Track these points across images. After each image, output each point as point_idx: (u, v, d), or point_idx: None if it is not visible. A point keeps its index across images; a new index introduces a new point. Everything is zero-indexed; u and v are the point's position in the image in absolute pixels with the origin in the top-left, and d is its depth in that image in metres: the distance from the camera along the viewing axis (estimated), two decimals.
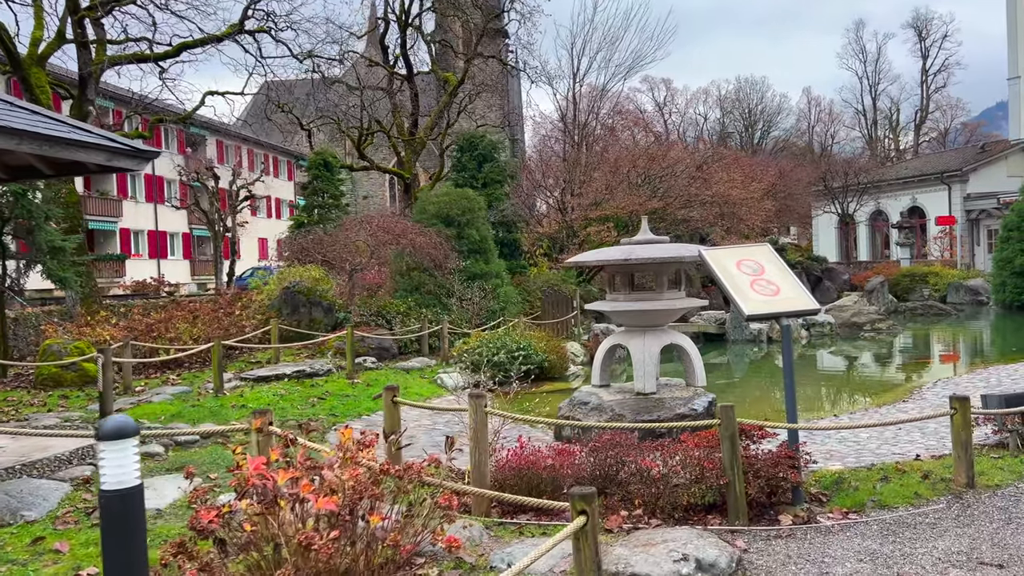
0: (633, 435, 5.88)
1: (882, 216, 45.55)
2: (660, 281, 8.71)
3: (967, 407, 5.47)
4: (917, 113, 73.45)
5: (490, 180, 25.31)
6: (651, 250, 8.39)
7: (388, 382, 12.40)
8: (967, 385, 11.75)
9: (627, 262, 8.35)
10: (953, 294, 30.58)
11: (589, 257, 9.09)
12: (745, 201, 28.76)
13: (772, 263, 5.76)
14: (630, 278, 8.94)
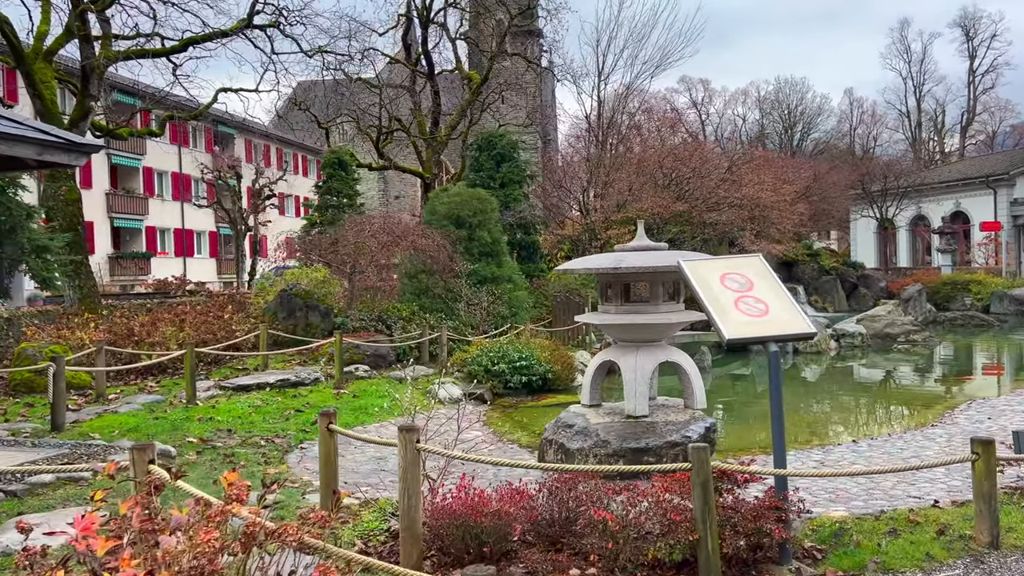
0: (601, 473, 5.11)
1: (923, 221, 43.84)
2: (655, 292, 7.89)
3: (991, 452, 4.60)
4: (963, 115, 70.96)
5: (508, 180, 24.59)
6: (644, 258, 7.58)
7: (378, 392, 11.78)
8: (1004, 408, 10.72)
9: (617, 271, 7.55)
10: (996, 304, 29.07)
11: (578, 265, 8.31)
12: (776, 204, 27.61)
13: (763, 277, 4.95)
14: (624, 288, 8.13)
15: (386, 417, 10.31)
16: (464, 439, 9.63)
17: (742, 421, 11.97)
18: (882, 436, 9.54)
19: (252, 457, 7.59)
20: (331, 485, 5.29)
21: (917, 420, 10.75)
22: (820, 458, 8.23)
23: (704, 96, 74.57)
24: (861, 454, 8.27)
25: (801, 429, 10.71)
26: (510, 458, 8.59)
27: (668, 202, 25.41)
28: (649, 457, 7.05)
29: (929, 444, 8.58)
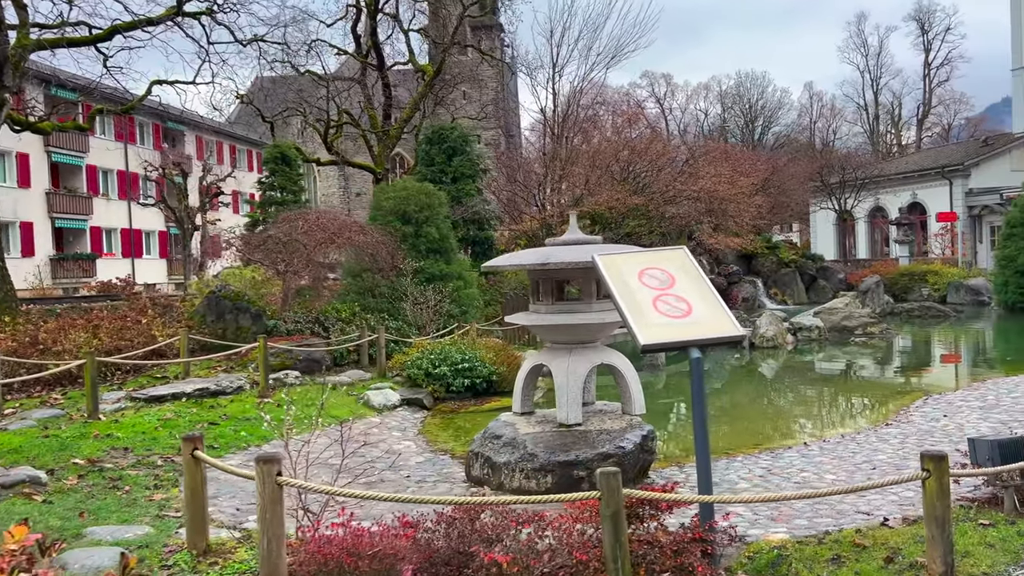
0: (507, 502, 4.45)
1: (881, 213, 44.01)
2: (588, 289, 7.28)
3: (944, 469, 4.04)
4: (919, 108, 71.73)
5: (460, 174, 23.91)
6: (575, 253, 6.96)
7: (305, 401, 11.01)
8: (960, 404, 10.30)
9: (545, 267, 6.93)
10: (953, 294, 29.07)
11: (505, 261, 7.67)
12: (734, 197, 27.26)
13: (686, 273, 4.34)
14: (556, 286, 7.51)
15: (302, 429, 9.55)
16: (393, 450, 8.96)
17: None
18: (835, 437, 9.03)
19: (142, 480, 6.83)
20: (198, 521, 4.57)
21: (871, 418, 10.29)
22: (768, 464, 7.69)
23: (667, 91, 74.56)
24: (811, 460, 7.74)
25: (752, 431, 10.19)
26: (438, 471, 7.92)
27: (625, 196, 24.92)
28: (579, 471, 6.44)
29: (882, 447, 8.09)
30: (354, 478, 6.85)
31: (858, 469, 7.14)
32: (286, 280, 13.94)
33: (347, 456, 5.18)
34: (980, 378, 12.87)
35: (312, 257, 13.74)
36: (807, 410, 11.69)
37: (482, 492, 6.85)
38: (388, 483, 7.35)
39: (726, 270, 31.49)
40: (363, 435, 9.60)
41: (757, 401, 12.76)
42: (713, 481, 7.12)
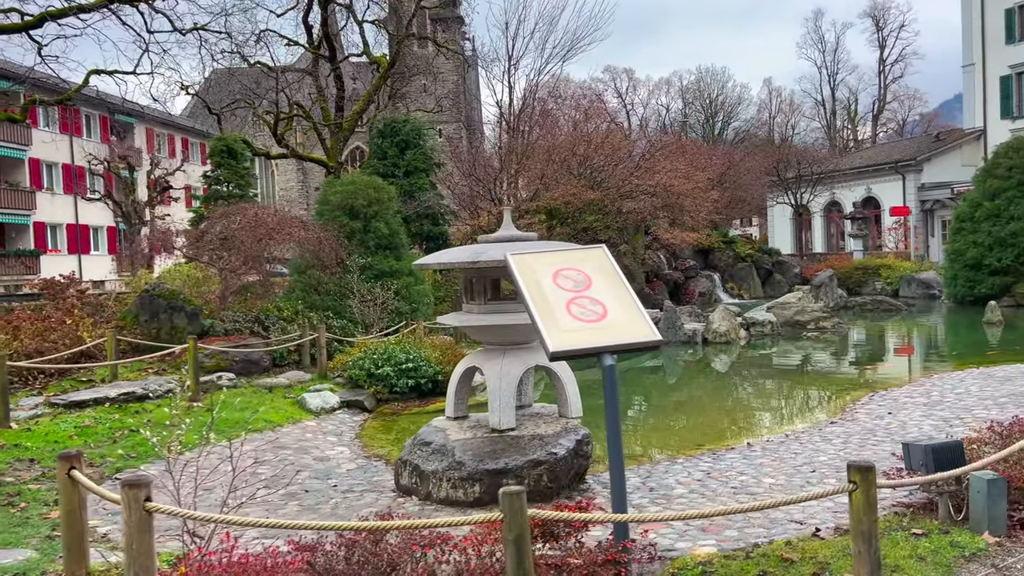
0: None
1: (837, 207, 44.49)
2: None
3: (871, 481, 3.81)
4: (875, 103, 72.86)
5: (413, 168, 23.52)
6: (509, 250, 6.65)
7: (239, 405, 10.58)
8: (905, 401, 10.23)
9: (475, 264, 6.62)
10: (905, 288, 29.45)
11: (434, 259, 7.34)
12: (690, 192, 27.22)
13: (603, 274, 4.06)
14: (491, 285, 7.21)
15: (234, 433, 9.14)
16: (325, 456, 8.59)
17: (642, 421, 11.23)
18: (779, 436, 8.88)
19: (42, 495, 6.38)
20: (76, 548, 4.17)
21: (817, 416, 10.18)
22: (709, 467, 7.48)
23: (628, 86, 74.68)
24: (752, 461, 7.55)
25: (697, 430, 10.02)
26: (368, 479, 7.57)
27: (581, 190, 24.70)
28: (509, 479, 6.14)
29: (824, 447, 7.94)
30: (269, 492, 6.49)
31: (797, 472, 6.96)
32: (224, 278, 13.43)
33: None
34: (927, 373, 12.88)
35: (252, 253, 13.25)
36: (754, 408, 11.55)
37: (408, 502, 6.53)
38: (312, 493, 6.99)
39: (683, 265, 31.52)
40: (296, 441, 9.23)
41: (705, 399, 12.61)
42: (651, 487, 6.93)
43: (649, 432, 10.22)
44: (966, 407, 9.40)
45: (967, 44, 40.39)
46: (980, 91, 39.62)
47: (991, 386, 10.67)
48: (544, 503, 6.22)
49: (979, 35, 39.65)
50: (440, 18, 59.07)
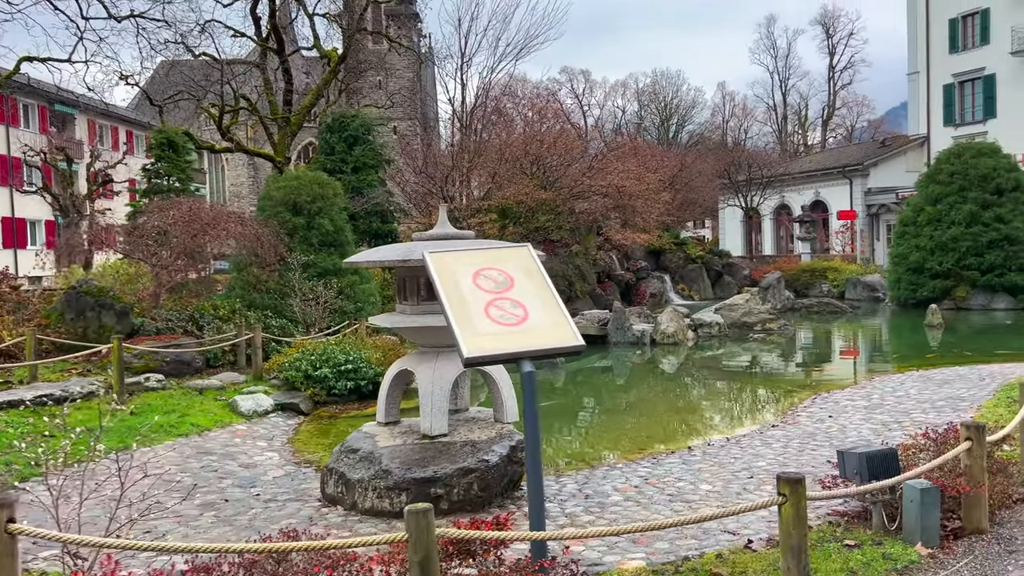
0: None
1: (787, 210, 45.15)
2: None
3: (801, 494, 3.65)
4: (824, 109, 74.25)
5: (362, 164, 23.08)
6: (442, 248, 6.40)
7: (165, 408, 10.12)
8: (846, 404, 10.23)
9: (406, 263, 6.33)
10: (851, 290, 29.93)
11: (364, 257, 7.03)
12: (642, 193, 27.26)
13: (527, 274, 3.83)
14: (425, 284, 6.91)
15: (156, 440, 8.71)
16: (253, 463, 8.22)
17: (586, 424, 11.06)
18: (720, 439, 8.77)
19: None
20: None
21: (760, 419, 10.12)
22: (647, 472, 7.32)
23: (585, 87, 74.88)
24: (691, 467, 7.41)
25: (639, 433, 9.87)
26: (295, 487, 7.22)
27: (532, 190, 24.52)
28: (437, 488, 5.88)
29: (764, 452, 7.84)
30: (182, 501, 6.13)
31: (735, 478, 6.82)
32: (157, 274, 12.89)
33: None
34: (869, 375, 12.97)
35: (187, 249, 12.74)
36: (698, 410, 11.46)
37: (333, 513, 6.22)
38: (232, 503, 6.63)
39: (634, 266, 31.59)
40: (223, 446, 8.83)
41: (651, 401, 12.50)
42: (587, 493, 6.73)
43: (592, 435, 10.05)
44: (904, 410, 9.42)
45: (912, 53, 41.33)
46: (924, 99, 40.59)
47: (929, 389, 10.75)
48: (475, 512, 5.98)
49: (924, 44, 40.63)
50: (395, 14, 58.45)
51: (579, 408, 12.24)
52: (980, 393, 10.13)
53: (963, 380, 11.31)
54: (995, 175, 23.91)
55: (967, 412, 8.96)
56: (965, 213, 23.74)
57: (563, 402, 12.90)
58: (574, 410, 12.10)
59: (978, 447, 4.61)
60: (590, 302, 25.71)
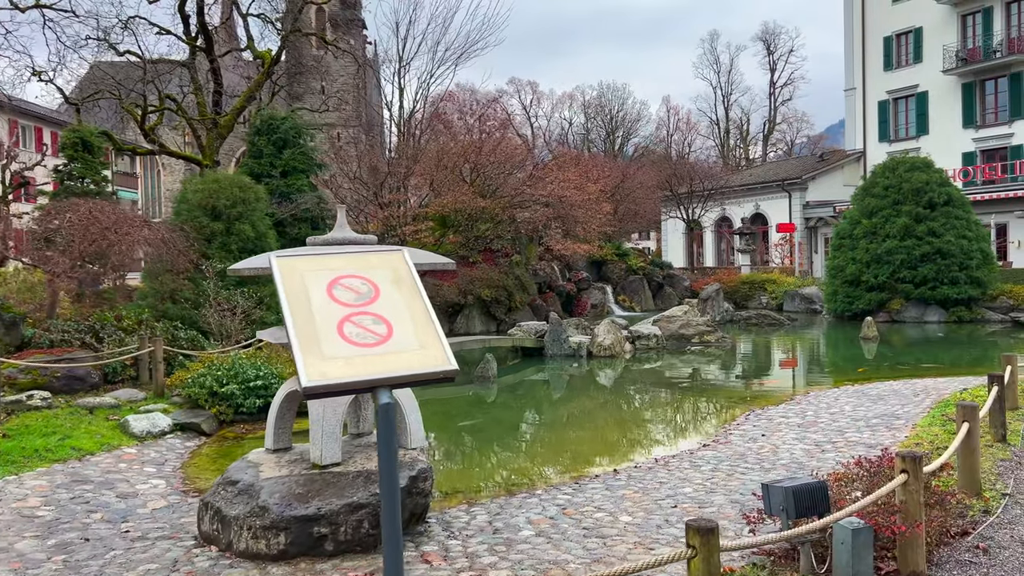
0: None
1: (727, 223, 45.47)
2: None
3: (713, 546, 3.09)
4: (765, 124, 75.65)
5: (291, 168, 22.16)
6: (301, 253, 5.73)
7: (44, 430, 9.17)
8: (780, 421, 9.84)
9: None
10: (789, 302, 30.06)
11: (244, 265, 6.33)
12: (582, 203, 26.90)
13: (397, 284, 3.21)
14: None
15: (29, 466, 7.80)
16: (134, 492, 7.38)
17: (510, 444, 10.45)
18: (648, 461, 8.26)
19: None
20: None
21: (690, 439, 9.65)
22: (567, 499, 6.74)
23: (533, 98, 74.86)
24: (614, 493, 6.86)
25: (565, 454, 9.32)
26: (173, 522, 6.41)
27: (471, 198, 23.92)
28: (321, 527, 5.18)
29: (692, 475, 7.33)
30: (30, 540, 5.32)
31: (658, 507, 6.29)
32: (50, 282, 11.88)
33: (66, 504, 3.63)
34: (803, 390, 12.67)
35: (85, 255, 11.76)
36: (628, 429, 10.94)
37: (204, 555, 5.47)
38: (93, 543, 5.82)
39: (576, 276, 31.21)
40: (104, 473, 7.95)
41: (581, 418, 11.96)
42: (496, 527, 6.10)
43: (516, 456, 9.45)
44: (839, 429, 9.05)
45: (849, 70, 42.11)
46: (860, 114, 41.37)
47: (864, 405, 10.44)
48: (366, 554, 5.32)
49: (860, 61, 41.43)
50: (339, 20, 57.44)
51: (507, 426, 11.64)
52: (914, 410, 9.85)
53: (897, 396, 11.06)
54: (928, 189, 24.20)
55: (902, 431, 8.63)
56: (899, 226, 23.95)
57: (491, 418, 12.30)
58: (501, 428, 11.50)
59: (914, 480, 4.14)
60: (530, 313, 25.19)
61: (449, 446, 10.07)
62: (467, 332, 23.55)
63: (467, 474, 8.47)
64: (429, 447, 9.79)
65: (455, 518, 6.37)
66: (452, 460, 9.26)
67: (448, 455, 9.56)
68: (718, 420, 10.73)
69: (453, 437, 10.66)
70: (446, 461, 9.14)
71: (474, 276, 24.39)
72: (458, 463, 9.14)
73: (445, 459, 9.28)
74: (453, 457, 9.48)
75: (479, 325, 24.19)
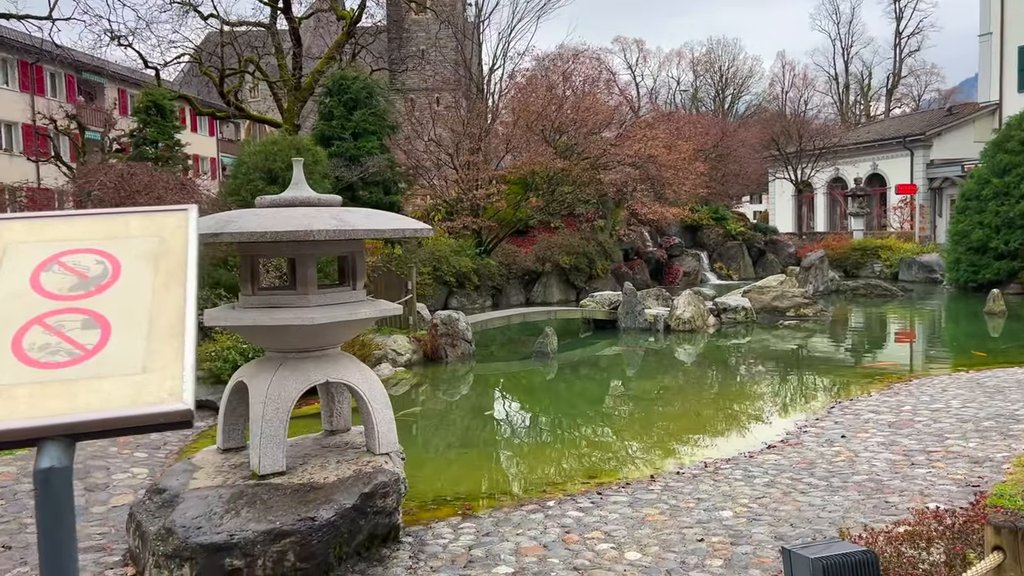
0: None
1: (840, 184, 42.10)
2: (307, 275, 5.01)
3: None
4: (889, 78, 69.88)
5: (362, 130, 21.42)
6: (276, 218, 4.70)
7: None
8: (868, 416, 8.22)
9: (218, 238, 4.65)
10: (905, 271, 27.30)
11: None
12: (673, 163, 25.04)
13: (151, 262, 2.07)
14: (276, 267, 5.22)
15: None
16: (107, 483, 6.68)
17: (548, 433, 9.29)
18: (695, 465, 6.91)
19: None
20: None
21: (754, 437, 8.16)
22: (577, 518, 5.55)
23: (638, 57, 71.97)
24: (637, 510, 5.60)
25: (602, 451, 8.07)
26: (120, 528, 5.63)
27: (548, 159, 22.58)
28: (235, 558, 4.18)
29: (740, 490, 5.96)
30: None
31: (680, 539, 4.98)
32: None
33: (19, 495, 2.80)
34: (904, 377, 10.82)
35: None
36: (683, 421, 9.46)
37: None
38: (13, 551, 5.07)
39: (667, 242, 29.43)
40: (89, 456, 7.31)
41: (631, 405, 10.62)
42: (474, 556, 4.95)
43: (540, 454, 8.26)
44: (939, 432, 7.38)
45: (985, 12, 37.69)
46: (997, 62, 37.04)
47: (976, 400, 8.64)
48: None
49: (998, 2, 36.99)
50: None
51: (545, 413, 10.46)
52: None
53: (1022, 388, 9.16)
54: None
55: (1021, 441, 6.89)
56: None
57: (532, 402, 11.15)
58: (538, 416, 10.34)
59: (1013, 563, 2.70)
60: (613, 281, 23.77)
61: (467, 439, 8.99)
62: (544, 302, 22.42)
63: (477, 475, 7.37)
64: (444, 446, 8.75)
65: (436, 537, 5.29)
66: (466, 457, 8.17)
67: (464, 450, 8.49)
68: (793, 413, 9.18)
69: (476, 427, 9.60)
70: (458, 458, 8.06)
71: (553, 242, 23.16)
72: (472, 461, 8.05)
73: (458, 455, 8.20)
74: (468, 453, 8.39)
75: (557, 294, 23.01)
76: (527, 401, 11.33)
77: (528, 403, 11.16)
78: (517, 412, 10.61)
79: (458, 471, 7.40)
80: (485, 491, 6.65)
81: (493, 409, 10.59)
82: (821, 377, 11.63)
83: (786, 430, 8.13)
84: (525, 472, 7.41)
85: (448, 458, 8.05)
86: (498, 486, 6.84)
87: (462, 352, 13.32)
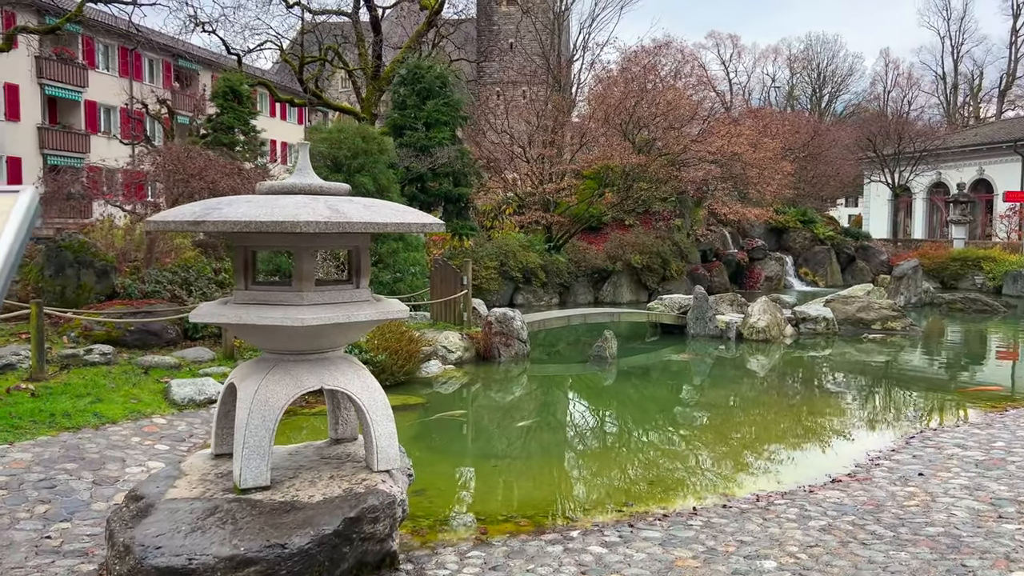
0: None
1: (942, 189, 39.59)
2: (304, 270, 4.56)
3: None
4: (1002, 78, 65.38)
5: (435, 120, 21.12)
6: (268, 207, 4.25)
7: (86, 388, 8.60)
8: (952, 451, 7.27)
9: (199, 227, 4.24)
10: (1010, 285, 25.28)
11: (162, 217, 4.95)
12: (757, 162, 23.82)
13: None
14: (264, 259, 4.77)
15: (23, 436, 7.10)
16: (114, 478, 6.46)
17: (586, 449, 8.67)
18: (745, 499, 6.18)
19: None
20: None
21: (819, 465, 7.33)
22: (601, 553, 4.94)
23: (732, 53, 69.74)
24: (669, 550, 4.96)
25: (648, 472, 7.40)
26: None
27: (625, 154, 21.78)
28: None
29: (792, 533, 5.21)
30: None
31: None
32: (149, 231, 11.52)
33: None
34: (999, 405, 9.68)
35: (176, 201, 11.26)
36: (740, 445, 8.65)
37: None
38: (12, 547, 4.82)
39: (750, 244, 28.15)
40: (105, 448, 7.12)
41: (685, 423, 9.86)
42: None
43: (573, 475, 7.64)
44: None
45: None
46: None
47: None
48: None
49: None
50: None
51: (589, 426, 9.84)
52: None
53: None
54: None
55: None
56: None
57: (577, 413, 10.54)
58: (580, 429, 9.73)
59: None
60: (688, 283, 22.81)
61: (501, 448, 8.44)
62: (613, 301, 21.68)
63: (503, 492, 6.83)
64: (476, 454, 8.24)
65: (439, 567, 4.78)
66: (496, 469, 7.63)
67: (495, 461, 7.94)
68: (866, 440, 8.26)
69: (515, 436, 9.05)
70: (488, 469, 7.53)
71: (625, 240, 22.37)
72: (501, 474, 7.49)
73: (487, 466, 7.67)
74: (499, 465, 7.84)
75: (627, 294, 22.22)
76: (575, 410, 10.73)
77: (576, 412, 10.56)
78: (560, 422, 10.01)
79: (483, 485, 6.89)
80: (507, 512, 6.10)
81: (533, 418, 10.01)
82: (902, 400, 10.58)
83: (855, 461, 7.27)
84: (554, 493, 6.82)
85: (478, 469, 7.54)
86: (522, 507, 6.28)
87: (516, 352, 12.80)
